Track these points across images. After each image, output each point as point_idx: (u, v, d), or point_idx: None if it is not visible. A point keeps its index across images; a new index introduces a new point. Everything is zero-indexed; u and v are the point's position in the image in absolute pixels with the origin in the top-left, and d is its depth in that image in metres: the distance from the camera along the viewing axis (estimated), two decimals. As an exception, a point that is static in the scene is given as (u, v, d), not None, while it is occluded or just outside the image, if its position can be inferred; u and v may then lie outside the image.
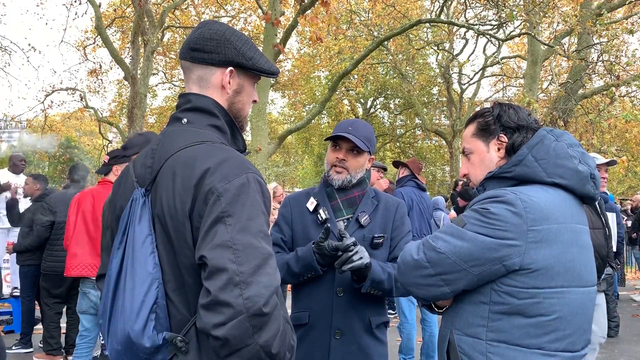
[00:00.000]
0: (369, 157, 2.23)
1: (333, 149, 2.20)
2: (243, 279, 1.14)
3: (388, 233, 2.18)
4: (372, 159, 2.27)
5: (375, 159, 9.50)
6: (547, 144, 1.57)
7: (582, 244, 1.53)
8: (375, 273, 1.97)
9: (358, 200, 2.19)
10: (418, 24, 12.50)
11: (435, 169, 27.44)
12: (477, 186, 1.70)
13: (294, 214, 2.21)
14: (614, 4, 12.51)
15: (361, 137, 2.14)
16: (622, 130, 16.50)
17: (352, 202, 2.18)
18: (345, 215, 2.17)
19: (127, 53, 16.07)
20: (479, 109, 1.78)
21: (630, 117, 9.99)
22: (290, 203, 2.26)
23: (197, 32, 1.43)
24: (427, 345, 4.71)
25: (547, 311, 1.45)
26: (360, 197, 2.19)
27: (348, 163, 2.16)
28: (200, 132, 1.38)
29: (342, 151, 2.17)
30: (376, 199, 2.22)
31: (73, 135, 29.40)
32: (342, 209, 2.17)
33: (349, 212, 2.17)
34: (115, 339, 1.27)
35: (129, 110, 11.95)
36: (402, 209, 2.26)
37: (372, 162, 2.31)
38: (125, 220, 1.33)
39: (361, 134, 2.15)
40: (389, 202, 2.24)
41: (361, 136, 2.14)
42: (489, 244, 1.44)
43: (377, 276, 1.98)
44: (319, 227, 2.13)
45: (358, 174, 2.18)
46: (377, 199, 2.23)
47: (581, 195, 1.57)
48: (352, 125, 2.18)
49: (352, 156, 2.16)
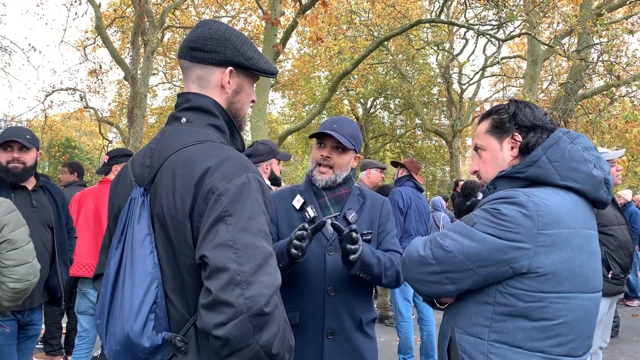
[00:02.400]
0: (354, 156, 2.22)
1: (318, 147, 2.19)
2: (244, 278, 1.14)
3: (375, 229, 2.18)
4: (357, 157, 2.25)
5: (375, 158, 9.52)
6: (563, 146, 1.54)
7: (591, 250, 1.51)
8: (365, 255, 1.96)
9: (345, 198, 2.18)
10: (418, 24, 12.50)
11: (435, 169, 27.41)
12: (487, 184, 1.68)
13: (279, 212, 2.19)
14: (614, 4, 12.50)
15: (346, 134, 2.13)
16: (622, 130, 16.51)
17: (339, 200, 2.18)
18: (333, 213, 2.16)
19: (127, 53, 16.07)
20: (494, 105, 1.75)
21: (630, 117, 9.99)
22: (275, 201, 2.22)
23: (196, 31, 1.43)
24: (426, 344, 4.71)
25: (552, 316, 1.44)
26: (347, 195, 2.19)
27: (333, 160, 2.14)
28: (200, 131, 1.37)
29: (327, 149, 2.16)
30: (362, 197, 2.23)
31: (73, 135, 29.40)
32: (330, 206, 2.16)
33: (336, 210, 2.16)
34: (113, 339, 1.26)
35: (129, 110, 11.95)
36: (388, 205, 2.26)
37: (361, 161, 2.28)
38: (123, 219, 1.33)
39: (346, 131, 2.14)
40: (374, 200, 2.24)
41: (346, 134, 2.13)
42: (498, 246, 1.43)
43: (367, 259, 1.97)
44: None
45: (343, 173, 2.17)
46: (362, 196, 2.23)
47: (593, 200, 1.55)
48: (337, 123, 2.17)
49: (336, 154, 2.15)
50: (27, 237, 2.36)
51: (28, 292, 2.30)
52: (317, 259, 2.09)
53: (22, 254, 2.28)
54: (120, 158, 4.08)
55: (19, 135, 2.84)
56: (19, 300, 2.31)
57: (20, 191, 2.86)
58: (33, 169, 2.90)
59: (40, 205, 2.92)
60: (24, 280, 2.25)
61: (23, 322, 2.81)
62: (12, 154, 2.81)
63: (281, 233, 2.16)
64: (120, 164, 4.05)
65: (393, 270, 2.07)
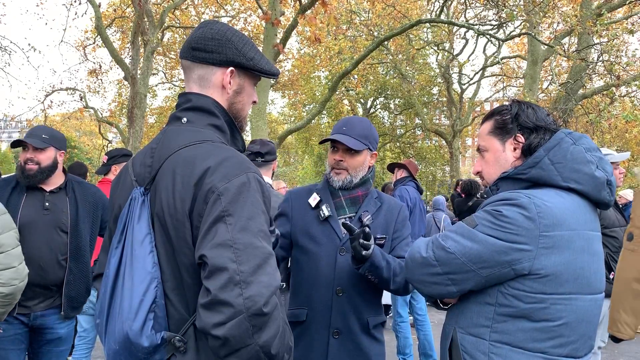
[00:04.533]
0: (370, 154, 2.19)
1: (332, 151, 2.19)
2: (243, 278, 1.13)
3: (389, 235, 2.16)
4: (374, 154, 2.23)
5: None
6: (565, 147, 1.53)
7: (593, 251, 1.51)
8: (375, 257, 1.95)
9: (361, 200, 2.17)
10: (418, 24, 12.50)
11: (435, 169, 27.45)
12: (490, 185, 1.67)
13: (294, 209, 2.20)
14: (614, 4, 12.51)
15: (356, 135, 2.11)
16: (622, 130, 16.51)
17: (355, 201, 2.16)
18: (348, 214, 2.15)
19: (127, 53, 16.09)
20: (497, 106, 1.75)
21: (630, 117, 10.00)
22: (291, 197, 2.24)
23: (198, 31, 1.43)
24: (424, 345, 4.73)
25: (553, 317, 1.43)
26: (363, 197, 2.17)
27: (346, 163, 2.13)
28: (200, 131, 1.37)
29: (339, 152, 2.15)
30: (379, 200, 2.20)
31: (73, 135, 29.41)
32: (345, 207, 2.15)
33: (351, 211, 2.15)
34: (113, 339, 1.25)
35: (129, 110, 11.95)
36: (404, 212, 2.24)
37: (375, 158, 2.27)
38: (124, 219, 1.32)
39: (356, 132, 2.12)
40: (391, 204, 2.22)
41: (356, 134, 2.11)
42: (500, 247, 1.42)
43: (376, 260, 1.96)
44: (320, 224, 2.12)
45: (359, 173, 2.15)
46: (380, 200, 2.21)
47: (596, 201, 1.55)
48: (347, 125, 2.15)
49: (349, 156, 2.13)
50: (16, 242, 2.32)
51: (15, 296, 2.26)
52: (329, 258, 2.09)
53: (8, 258, 2.25)
54: (119, 158, 4.07)
55: (34, 134, 2.71)
56: (8, 306, 2.28)
57: (35, 192, 2.75)
58: (50, 169, 2.75)
59: (54, 207, 2.77)
60: (8, 284, 2.22)
61: (34, 326, 2.74)
62: (27, 155, 2.73)
63: (295, 229, 2.17)
64: (119, 164, 4.05)
65: (402, 276, 2.03)
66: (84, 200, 2.90)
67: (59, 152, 2.82)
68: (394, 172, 5.27)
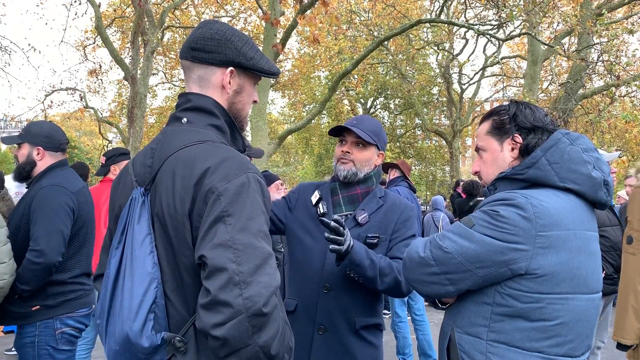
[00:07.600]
0: (377, 153, 2.18)
1: (339, 144, 2.18)
2: (243, 278, 1.14)
3: (387, 235, 2.11)
4: (381, 154, 2.21)
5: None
6: (562, 147, 1.54)
7: (590, 251, 1.51)
8: (355, 254, 1.90)
9: (360, 198, 2.15)
10: (418, 24, 12.50)
11: (435, 169, 27.43)
12: (488, 185, 1.68)
13: (299, 201, 2.22)
14: (614, 4, 12.51)
15: (366, 129, 2.11)
16: (622, 130, 16.49)
17: (353, 199, 2.15)
18: (345, 212, 2.14)
19: (127, 53, 16.08)
20: (496, 106, 1.76)
21: (630, 117, 9.99)
22: (300, 190, 2.27)
23: (198, 31, 1.43)
24: (422, 344, 4.74)
25: (550, 316, 1.44)
26: (363, 195, 2.15)
27: (353, 156, 2.12)
28: (200, 131, 1.37)
29: (347, 144, 2.14)
30: (383, 200, 2.17)
31: (73, 135, 29.41)
32: (342, 205, 2.15)
33: (348, 209, 2.14)
34: (113, 339, 1.26)
35: (129, 110, 11.95)
36: (409, 212, 2.19)
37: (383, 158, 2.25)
38: (124, 219, 1.33)
39: (366, 126, 2.12)
40: (395, 204, 2.17)
41: (366, 129, 2.11)
42: (496, 247, 1.43)
43: (356, 258, 1.90)
44: (316, 220, 2.11)
45: (364, 168, 2.13)
46: (384, 199, 2.18)
47: (593, 201, 1.55)
48: (358, 119, 2.16)
49: (357, 149, 2.13)
50: (5, 239, 2.40)
51: (5, 290, 2.38)
52: (319, 254, 2.09)
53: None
54: (117, 157, 4.08)
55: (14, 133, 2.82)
56: None
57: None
58: (25, 166, 2.66)
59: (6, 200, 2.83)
60: (0, 279, 2.33)
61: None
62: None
63: (293, 220, 2.19)
64: (117, 163, 4.06)
65: (392, 277, 1.98)
66: (25, 198, 2.67)
67: (34, 147, 2.67)
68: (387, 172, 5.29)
